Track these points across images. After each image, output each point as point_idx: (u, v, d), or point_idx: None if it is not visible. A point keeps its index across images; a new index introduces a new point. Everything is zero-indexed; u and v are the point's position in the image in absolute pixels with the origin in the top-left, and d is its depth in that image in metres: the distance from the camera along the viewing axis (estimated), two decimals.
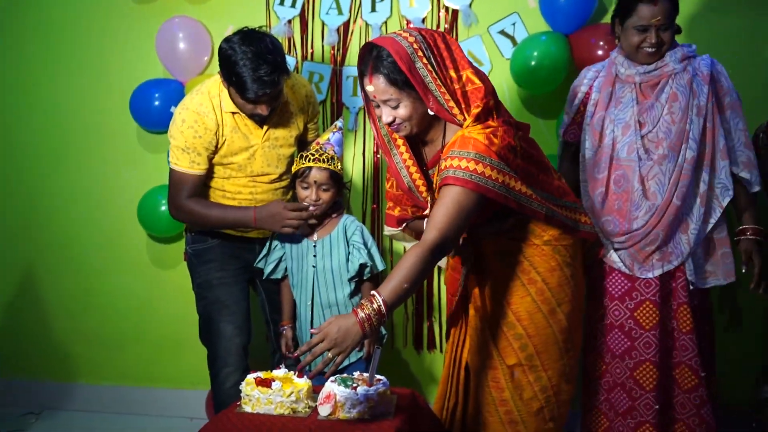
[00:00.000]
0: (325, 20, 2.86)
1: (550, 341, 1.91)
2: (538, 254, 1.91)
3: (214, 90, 2.26)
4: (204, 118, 2.22)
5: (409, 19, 2.80)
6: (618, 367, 2.19)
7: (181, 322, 2.96)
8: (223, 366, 2.29)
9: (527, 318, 1.90)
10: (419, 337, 2.88)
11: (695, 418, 2.15)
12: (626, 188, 2.15)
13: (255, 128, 2.27)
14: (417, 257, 1.67)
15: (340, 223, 2.29)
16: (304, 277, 2.27)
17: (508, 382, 1.91)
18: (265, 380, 1.75)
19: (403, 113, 1.77)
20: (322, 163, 2.21)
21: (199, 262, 2.37)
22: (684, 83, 2.13)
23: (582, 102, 2.29)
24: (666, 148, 2.12)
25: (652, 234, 2.12)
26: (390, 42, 1.74)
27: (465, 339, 2.00)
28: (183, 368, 3.01)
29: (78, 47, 3.05)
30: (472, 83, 1.77)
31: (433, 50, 1.75)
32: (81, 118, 3.08)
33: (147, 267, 3.06)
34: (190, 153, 2.23)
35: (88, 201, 3.09)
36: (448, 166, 1.71)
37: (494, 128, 1.74)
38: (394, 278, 1.66)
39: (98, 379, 3.11)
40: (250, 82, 2.07)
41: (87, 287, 3.10)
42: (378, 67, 1.73)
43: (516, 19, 2.73)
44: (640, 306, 2.16)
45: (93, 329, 3.10)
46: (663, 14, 2.09)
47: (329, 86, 2.87)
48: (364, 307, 1.65)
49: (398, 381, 2.85)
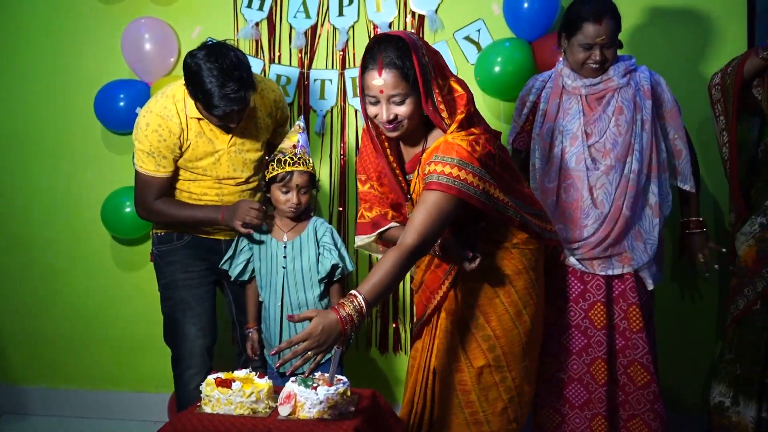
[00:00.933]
0: (292, 23, 2.87)
1: (516, 343, 1.95)
2: (507, 257, 1.96)
3: (179, 94, 2.25)
4: (168, 122, 2.21)
5: (377, 24, 2.82)
6: (576, 363, 2.27)
7: (144, 325, 2.94)
8: (187, 367, 2.29)
9: (495, 320, 1.94)
10: (384, 338, 2.89)
11: (650, 413, 2.23)
12: (575, 197, 2.23)
13: (221, 133, 2.27)
14: (396, 259, 1.69)
15: (310, 224, 2.30)
16: (274, 279, 2.27)
17: (474, 384, 1.94)
18: (225, 381, 1.75)
19: (405, 111, 1.77)
20: (302, 167, 2.22)
21: (165, 263, 2.36)
22: (629, 97, 2.23)
23: (531, 111, 2.37)
24: (613, 159, 2.21)
25: (606, 242, 2.21)
26: (403, 35, 1.78)
27: (434, 343, 2.01)
28: (146, 371, 2.98)
29: (43, 46, 3.01)
30: (456, 91, 1.82)
31: (432, 55, 1.80)
32: (45, 117, 3.04)
33: (111, 268, 3.03)
34: (155, 156, 2.23)
35: (52, 201, 3.05)
36: (431, 171, 1.74)
37: (476, 136, 1.78)
38: (373, 279, 1.68)
39: (59, 382, 3.07)
40: (217, 99, 2.07)
41: (48, 288, 3.06)
42: (393, 60, 1.73)
43: (481, 26, 2.78)
44: (593, 307, 2.25)
45: (54, 331, 3.06)
46: (607, 33, 2.18)
47: (296, 89, 2.88)
48: (345, 306, 1.66)
49: (363, 382, 2.86)
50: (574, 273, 2.25)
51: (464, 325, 1.97)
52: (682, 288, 2.76)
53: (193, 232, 2.36)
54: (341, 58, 2.86)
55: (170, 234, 2.36)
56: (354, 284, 2.87)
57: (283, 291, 2.27)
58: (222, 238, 2.38)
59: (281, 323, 2.27)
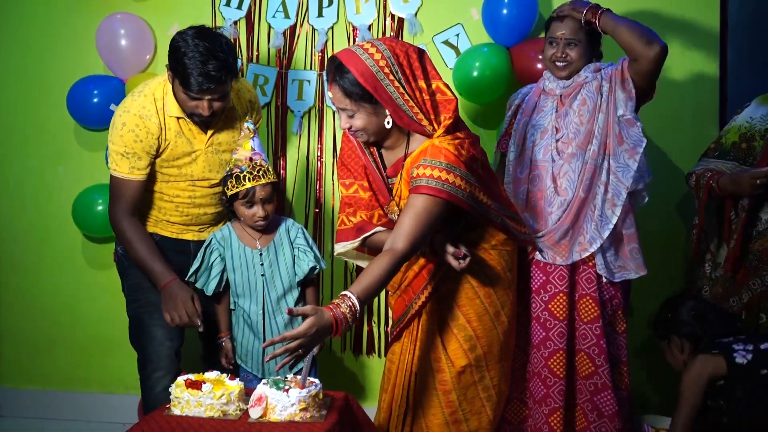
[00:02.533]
0: (271, 23, 2.85)
1: (495, 342, 1.99)
2: (487, 258, 1.99)
3: (159, 92, 2.20)
4: (146, 122, 2.16)
5: (356, 26, 2.82)
6: (535, 357, 2.28)
7: (113, 325, 2.88)
8: (154, 370, 2.24)
9: (476, 320, 1.97)
10: (359, 341, 2.88)
11: (588, 404, 2.25)
12: (540, 187, 2.29)
13: (199, 133, 2.24)
14: (388, 263, 1.72)
15: (280, 227, 2.27)
16: (254, 287, 2.24)
17: (455, 384, 1.96)
18: (195, 382, 1.73)
19: (358, 124, 1.83)
20: (263, 179, 2.17)
21: (130, 264, 2.30)
22: (593, 89, 2.29)
23: (513, 113, 2.43)
24: (575, 147, 2.26)
25: (563, 227, 2.23)
26: (355, 61, 1.78)
27: (416, 345, 2.01)
28: (115, 372, 2.93)
29: (16, 39, 2.95)
30: (442, 93, 1.84)
31: (402, 64, 1.79)
32: (16, 112, 2.97)
33: (81, 267, 2.97)
34: (129, 158, 2.17)
35: (21, 197, 2.99)
36: (420, 175, 1.76)
37: (461, 140, 1.82)
38: (365, 281, 1.70)
39: (24, 382, 3.00)
40: (196, 75, 2.04)
41: (15, 286, 2.99)
42: (336, 78, 1.80)
43: (460, 30, 2.79)
44: (554, 298, 2.25)
45: (20, 330, 2.99)
46: (568, 30, 2.28)
47: (274, 89, 2.86)
48: (339, 305, 1.66)
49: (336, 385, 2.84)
50: (537, 264, 2.27)
51: (445, 325, 1.98)
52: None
53: (160, 231, 2.32)
54: (320, 59, 2.85)
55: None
56: (327, 286, 2.85)
57: (263, 298, 2.24)
58: (190, 239, 2.35)
59: (264, 330, 2.24)
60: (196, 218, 2.34)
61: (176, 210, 2.31)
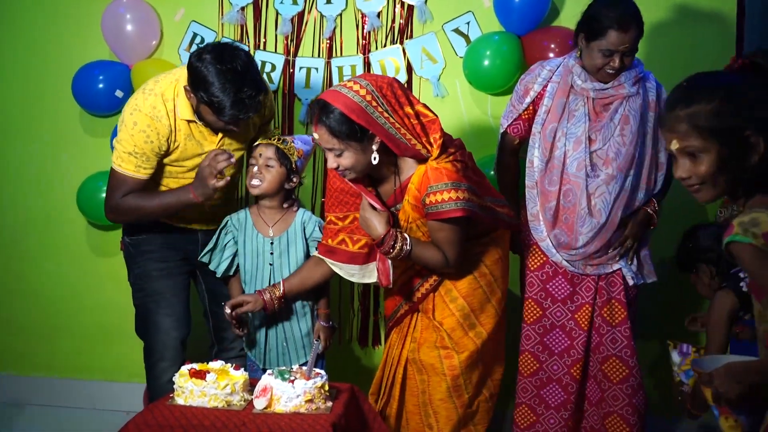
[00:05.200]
0: (279, 9, 2.81)
1: (497, 327, 2.05)
2: (485, 249, 2.05)
3: (169, 93, 2.12)
4: (157, 123, 2.10)
5: (365, 13, 2.78)
6: (557, 364, 2.27)
7: (117, 312, 2.86)
8: (159, 360, 2.22)
9: (479, 308, 2.02)
10: (364, 332, 2.86)
11: (628, 408, 2.22)
12: (573, 203, 2.21)
13: (210, 135, 2.18)
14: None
15: (297, 218, 2.23)
16: (260, 275, 2.21)
17: (463, 370, 2.00)
18: (199, 372, 1.71)
19: (346, 162, 1.86)
20: (269, 140, 2.17)
21: (138, 253, 2.28)
22: (636, 107, 2.19)
23: (533, 101, 2.29)
24: (615, 169, 2.18)
25: (595, 247, 2.21)
26: (342, 99, 1.80)
27: (406, 338, 2.07)
28: (118, 360, 2.91)
29: (21, 25, 2.92)
30: (424, 115, 1.89)
31: (386, 95, 1.82)
32: (21, 98, 2.95)
33: (85, 254, 2.95)
34: (137, 157, 2.11)
35: (25, 184, 2.96)
36: (433, 202, 1.84)
37: (454, 154, 1.88)
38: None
39: (28, 369, 2.99)
40: (230, 106, 1.96)
41: (19, 273, 2.97)
42: (321, 118, 1.81)
43: (470, 18, 2.74)
44: (580, 308, 2.25)
45: (24, 317, 2.98)
46: (631, 41, 2.11)
47: (281, 76, 2.82)
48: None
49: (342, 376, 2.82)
50: (564, 275, 2.24)
51: (451, 317, 2.01)
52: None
53: (168, 222, 2.28)
54: (328, 46, 2.81)
55: (144, 223, 2.28)
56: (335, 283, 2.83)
57: None
58: (198, 228, 2.31)
59: (268, 321, 2.21)
60: (204, 211, 2.28)
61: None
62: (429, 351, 2.00)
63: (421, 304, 2.04)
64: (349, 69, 2.80)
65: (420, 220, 1.92)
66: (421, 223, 1.92)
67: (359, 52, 2.80)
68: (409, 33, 2.78)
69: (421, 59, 2.77)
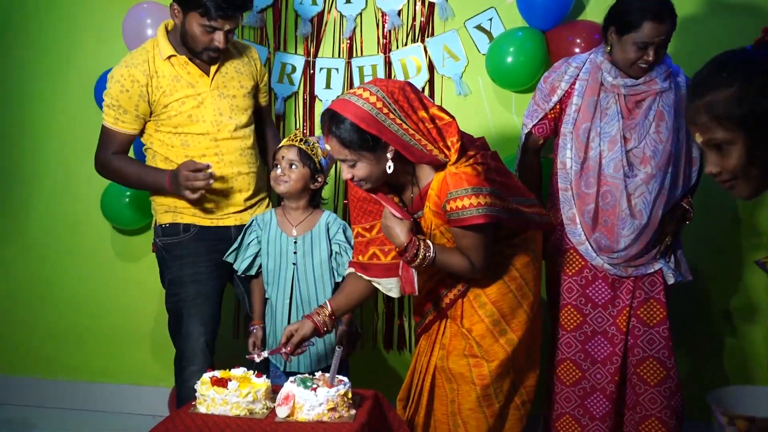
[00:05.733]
0: (298, 10, 2.79)
1: (529, 333, 1.97)
2: (515, 251, 1.97)
3: (150, 44, 2.24)
4: (132, 71, 2.18)
5: (385, 11, 2.74)
6: (600, 373, 2.21)
7: (142, 317, 2.88)
8: (188, 364, 2.22)
9: (510, 313, 1.95)
10: (389, 336, 2.83)
11: (666, 410, 2.16)
12: (613, 204, 2.14)
13: (201, 76, 2.22)
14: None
15: (321, 219, 2.21)
16: (283, 275, 2.19)
17: (494, 379, 1.93)
18: (221, 380, 1.69)
19: (360, 173, 1.80)
20: (292, 142, 2.16)
21: (171, 257, 2.26)
22: (670, 103, 2.12)
23: (560, 100, 2.21)
24: (654, 167, 2.11)
25: (637, 248, 2.15)
26: (351, 108, 1.74)
27: (434, 346, 2.00)
28: (144, 365, 2.93)
29: (43, 30, 2.94)
30: (440, 119, 1.81)
31: (398, 100, 1.76)
32: (45, 104, 2.97)
33: (110, 259, 2.97)
34: (114, 109, 2.21)
35: (51, 190, 2.99)
36: (454, 208, 1.76)
37: (474, 156, 1.80)
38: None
39: (56, 373, 3.01)
40: (220, 1, 2.04)
41: (46, 278, 3.00)
42: (332, 129, 1.76)
43: (493, 14, 2.69)
44: (621, 312, 2.19)
45: (51, 321, 3.00)
46: (666, 33, 2.05)
47: (302, 78, 2.80)
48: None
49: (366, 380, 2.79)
50: (605, 279, 2.18)
51: (480, 323, 1.94)
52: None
53: (198, 221, 2.26)
54: (348, 46, 2.78)
55: (176, 225, 2.26)
56: None
57: (293, 288, 2.19)
58: (231, 224, 2.29)
59: (289, 321, 2.18)
60: (232, 180, 2.26)
61: (209, 177, 2.21)
62: (458, 359, 1.94)
63: (450, 310, 1.98)
64: (370, 69, 2.77)
65: (443, 227, 1.86)
66: (445, 229, 1.87)
67: (380, 52, 2.77)
68: (431, 31, 2.73)
69: (443, 57, 2.72)
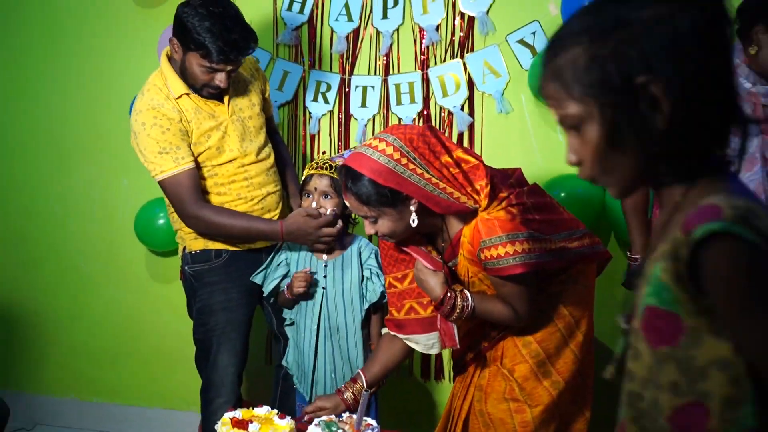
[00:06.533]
0: (333, 27, 2.71)
1: (576, 375, 1.82)
2: (563, 287, 1.83)
3: (158, 81, 2.12)
4: (161, 110, 2.07)
5: (423, 27, 2.63)
6: None
7: (176, 340, 2.84)
8: (216, 396, 2.16)
9: (555, 353, 1.81)
10: (426, 365, 2.70)
11: None
12: None
13: (216, 105, 2.14)
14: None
15: (353, 243, 2.14)
16: (311, 300, 2.11)
17: (537, 426, 1.80)
18: (242, 422, 1.61)
19: (383, 229, 1.71)
20: (322, 170, 2.08)
21: (200, 285, 2.19)
22: None
23: None
24: None
25: None
26: (367, 163, 1.64)
27: (468, 388, 1.87)
28: (176, 389, 2.88)
29: (79, 51, 2.95)
30: (466, 162, 1.69)
31: (418, 147, 1.65)
32: (81, 123, 2.97)
33: (145, 280, 2.95)
34: (168, 152, 2.05)
35: (87, 210, 2.98)
36: (489, 257, 1.65)
37: (507, 198, 1.67)
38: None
39: (90, 394, 3.00)
40: (221, 45, 1.95)
41: (81, 299, 2.99)
42: (348, 186, 1.68)
43: (536, 28, 2.55)
44: None
45: (86, 342, 2.99)
46: None
47: (337, 96, 2.72)
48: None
49: (403, 410, 2.68)
50: None
51: (523, 363, 1.81)
52: None
53: (230, 246, 2.19)
54: (384, 63, 2.68)
55: (207, 252, 2.18)
56: None
57: (320, 314, 2.10)
58: (263, 246, 2.22)
59: (316, 348, 2.11)
60: (261, 201, 2.19)
61: (239, 198, 2.16)
62: (497, 403, 1.80)
63: (490, 351, 1.85)
64: (407, 86, 2.66)
65: (481, 274, 1.73)
66: (483, 276, 1.74)
67: (417, 68, 2.66)
68: (470, 46, 2.62)
69: (483, 73, 2.60)
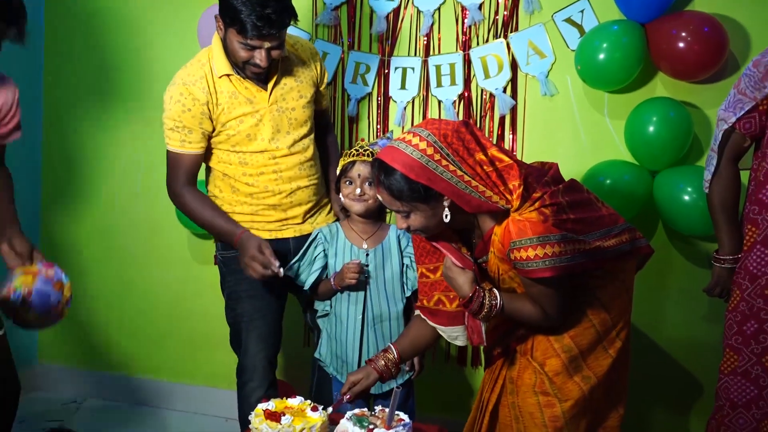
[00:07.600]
0: (373, 6, 2.65)
1: (609, 371, 1.78)
2: (600, 282, 1.78)
3: (204, 57, 2.12)
4: (191, 88, 2.07)
5: (465, 5, 2.54)
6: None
7: (217, 320, 2.84)
8: (248, 380, 2.20)
9: (588, 349, 1.77)
10: (463, 353, 2.68)
11: None
12: None
13: (258, 91, 2.11)
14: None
15: (391, 232, 2.13)
16: (355, 290, 2.11)
17: (568, 421, 1.77)
18: (274, 413, 1.62)
19: (415, 224, 1.69)
20: (366, 158, 2.05)
21: (228, 271, 2.24)
22: None
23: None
24: None
25: None
26: (400, 157, 1.61)
27: (496, 381, 1.86)
28: (219, 367, 2.94)
29: (119, 34, 2.97)
30: (500, 161, 1.64)
31: (452, 143, 1.60)
32: (125, 107, 3.01)
33: (188, 262, 2.99)
34: (179, 131, 2.10)
35: (133, 192, 3.04)
36: (518, 258, 1.62)
37: (541, 198, 1.63)
38: None
39: (137, 371, 3.10)
40: (255, 19, 1.92)
41: (128, 279, 3.07)
42: (381, 180, 1.67)
43: (585, 6, 2.43)
44: None
45: (130, 320, 3.08)
46: None
47: (376, 78, 2.67)
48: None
49: (439, 397, 2.67)
50: None
51: (555, 358, 1.77)
52: None
53: (258, 229, 2.19)
54: (425, 44, 2.61)
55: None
56: None
57: (365, 303, 2.10)
58: (290, 236, 2.22)
59: (362, 338, 2.11)
60: (291, 195, 2.19)
61: (267, 191, 2.17)
62: (527, 396, 1.78)
63: (520, 345, 1.82)
64: (448, 68, 2.59)
65: (512, 271, 1.70)
66: (514, 274, 1.70)
67: (459, 49, 2.58)
68: (514, 25, 2.52)
69: (528, 54, 2.50)
